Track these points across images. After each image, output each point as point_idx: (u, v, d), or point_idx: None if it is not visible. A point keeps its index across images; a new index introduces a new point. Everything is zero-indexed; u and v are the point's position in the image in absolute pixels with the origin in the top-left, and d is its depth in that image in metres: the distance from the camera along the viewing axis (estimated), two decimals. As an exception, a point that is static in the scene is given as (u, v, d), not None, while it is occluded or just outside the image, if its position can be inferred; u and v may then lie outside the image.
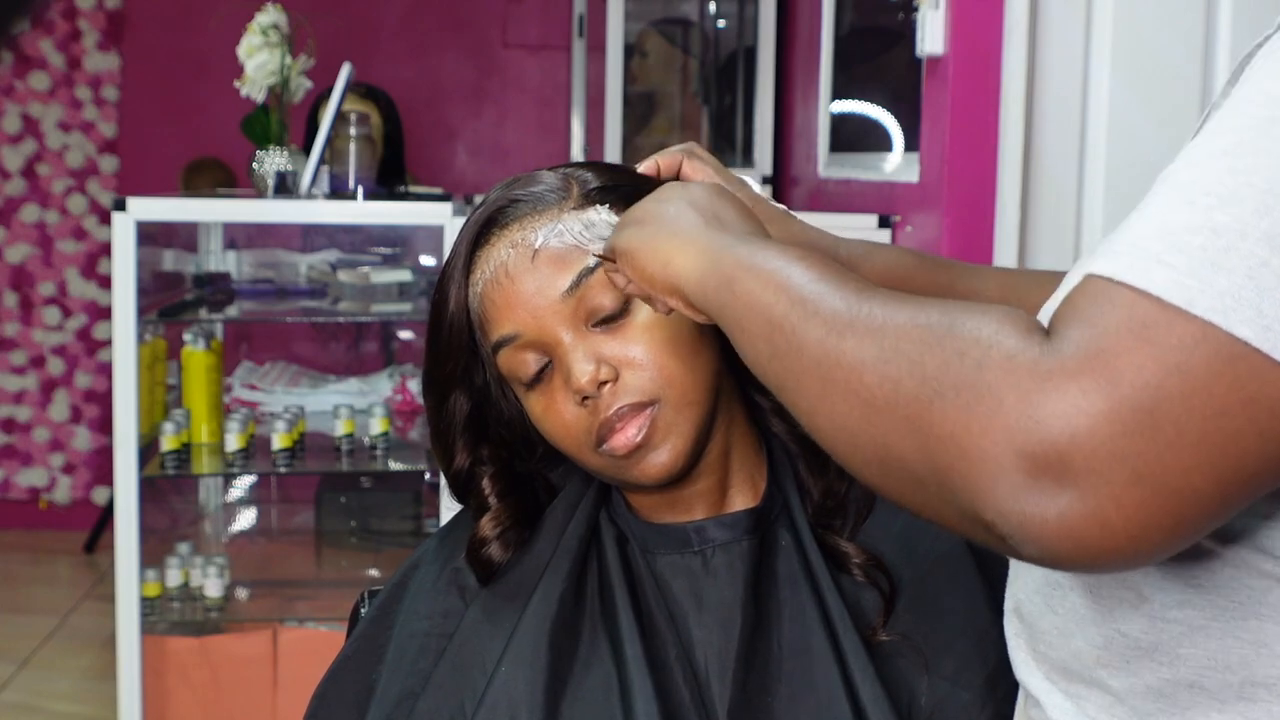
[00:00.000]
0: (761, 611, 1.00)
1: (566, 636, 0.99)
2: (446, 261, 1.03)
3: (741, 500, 1.04)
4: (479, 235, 1.01)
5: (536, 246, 0.98)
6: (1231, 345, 0.57)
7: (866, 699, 0.95)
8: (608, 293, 0.97)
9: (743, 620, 0.98)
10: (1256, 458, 0.58)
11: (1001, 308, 0.64)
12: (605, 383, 0.96)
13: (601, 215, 0.99)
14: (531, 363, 0.99)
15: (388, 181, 3.22)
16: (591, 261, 0.97)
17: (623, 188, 1.01)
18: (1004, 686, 0.97)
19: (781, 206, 1.07)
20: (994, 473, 0.59)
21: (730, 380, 1.03)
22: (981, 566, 1.04)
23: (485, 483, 1.05)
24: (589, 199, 1.00)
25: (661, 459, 0.97)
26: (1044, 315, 0.65)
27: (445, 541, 1.10)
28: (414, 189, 3.33)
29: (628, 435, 0.96)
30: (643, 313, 0.97)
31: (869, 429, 0.65)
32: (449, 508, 2.63)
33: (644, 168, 1.04)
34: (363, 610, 1.18)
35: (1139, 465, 0.57)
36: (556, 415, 0.98)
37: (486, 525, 1.04)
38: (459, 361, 1.02)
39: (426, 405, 1.06)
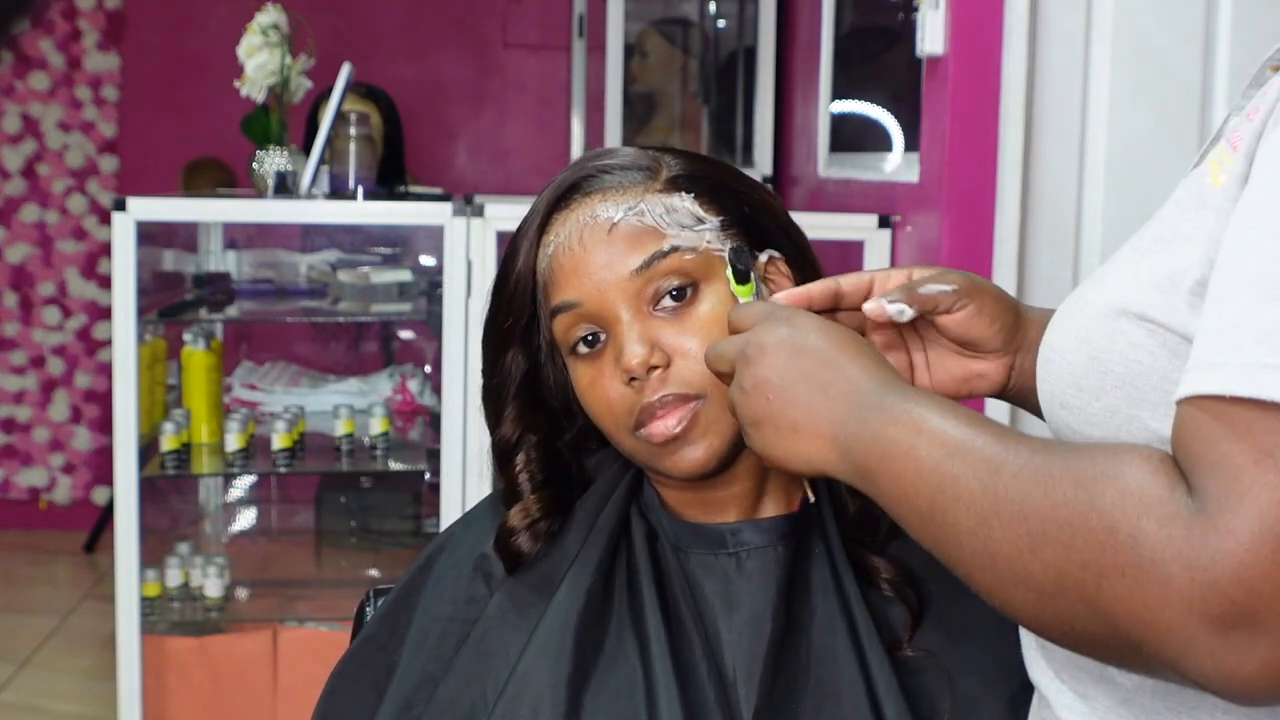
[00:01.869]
0: (793, 618, 0.99)
1: (592, 630, 0.98)
2: (524, 219, 1.02)
3: (773, 507, 1.03)
4: (560, 198, 1.01)
5: (615, 220, 0.98)
6: None
7: (890, 713, 0.95)
8: (674, 279, 0.97)
9: (773, 625, 0.98)
10: None
11: (1127, 460, 0.62)
12: (655, 368, 0.96)
13: (685, 203, 0.99)
14: (585, 333, 0.98)
15: (388, 181, 3.22)
16: (665, 246, 0.97)
17: (709, 179, 1.01)
18: (1027, 708, 0.97)
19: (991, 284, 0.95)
20: (1185, 641, 0.59)
21: None
22: None
23: (522, 471, 1.04)
24: (675, 185, 0.99)
25: (696, 455, 0.97)
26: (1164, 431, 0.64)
27: (471, 527, 1.09)
28: (414, 189, 3.33)
29: (667, 424, 0.96)
30: (706, 305, 0.97)
31: (1047, 612, 0.65)
32: (449, 508, 2.63)
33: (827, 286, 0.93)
34: (368, 609, 1.18)
35: None
36: (601, 390, 0.98)
37: (516, 516, 1.03)
38: (519, 319, 1.02)
39: (483, 359, 1.06)
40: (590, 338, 0.98)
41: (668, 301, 0.97)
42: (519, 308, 1.02)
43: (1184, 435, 0.61)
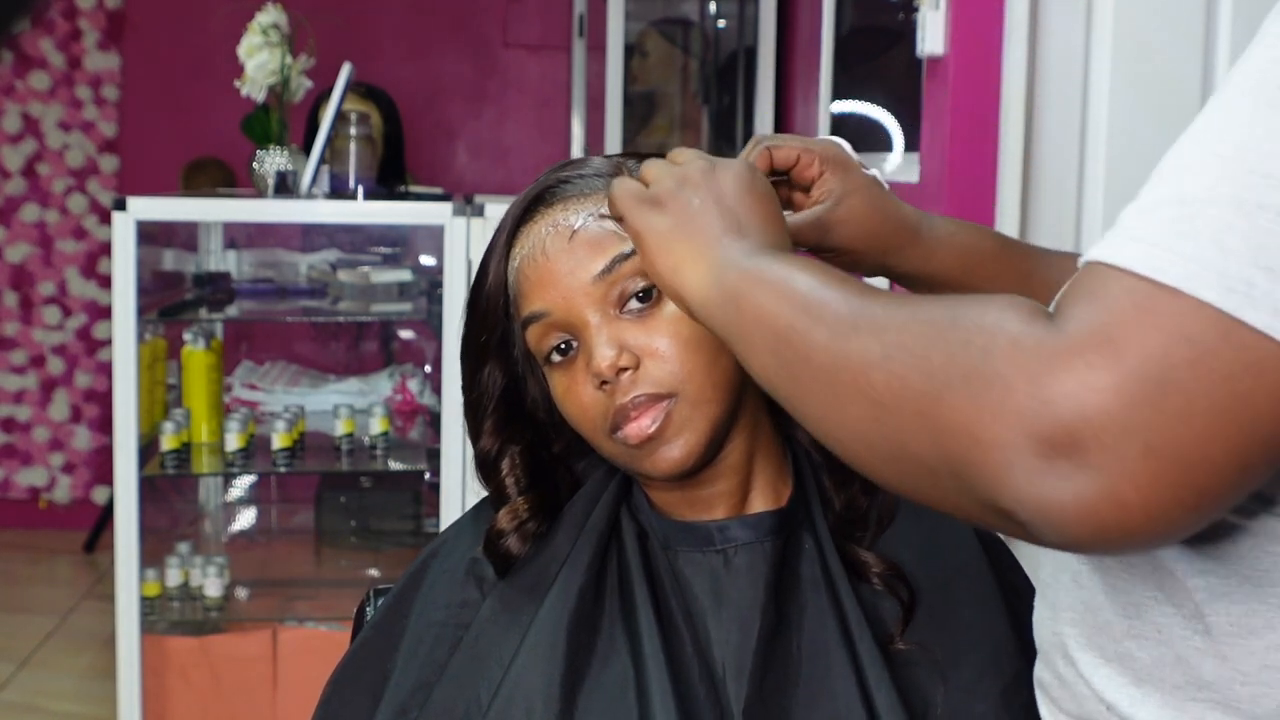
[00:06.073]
0: (782, 613, 0.99)
1: (585, 630, 0.99)
2: (494, 233, 1.03)
3: (762, 503, 1.03)
4: (525, 212, 1.02)
5: (576, 227, 0.98)
6: (1203, 311, 0.56)
7: (882, 706, 0.95)
8: (640, 280, 0.97)
9: (762, 621, 0.98)
10: (1270, 421, 0.56)
11: (1005, 296, 0.63)
12: (625, 369, 0.96)
13: None
14: (558, 341, 0.99)
15: (388, 181, 3.22)
16: (627, 248, 0.97)
17: None
18: (1020, 698, 0.97)
19: (873, 172, 1.06)
20: (1008, 458, 0.59)
21: (758, 388, 1.03)
22: (1000, 578, 1.04)
23: (508, 475, 1.05)
24: None
25: (674, 454, 0.97)
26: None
27: (463, 532, 1.09)
28: (414, 189, 3.33)
29: (641, 425, 0.96)
30: (672, 304, 0.96)
31: (880, 429, 0.65)
32: (449, 508, 2.63)
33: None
34: (368, 610, 1.19)
35: (1151, 438, 0.56)
36: (576, 397, 0.98)
37: (504, 518, 1.04)
38: (494, 333, 1.03)
39: (462, 373, 1.07)
40: (563, 346, 0.99)
41: (634, 303, 0.97)
42: (492, 323, 1.03)
43: (1077, 278, 0.61)
